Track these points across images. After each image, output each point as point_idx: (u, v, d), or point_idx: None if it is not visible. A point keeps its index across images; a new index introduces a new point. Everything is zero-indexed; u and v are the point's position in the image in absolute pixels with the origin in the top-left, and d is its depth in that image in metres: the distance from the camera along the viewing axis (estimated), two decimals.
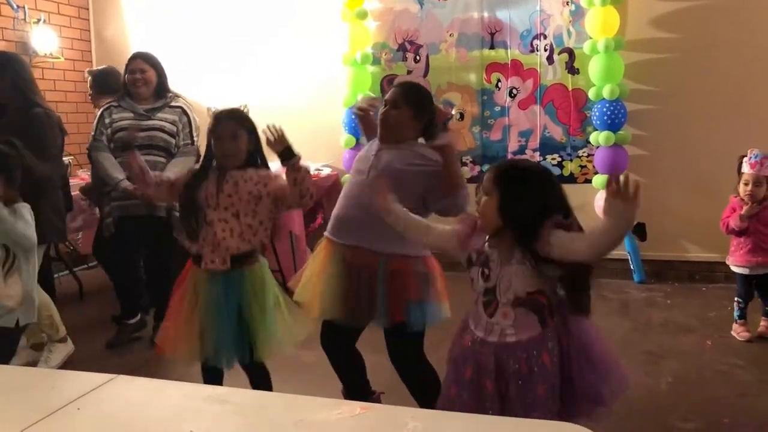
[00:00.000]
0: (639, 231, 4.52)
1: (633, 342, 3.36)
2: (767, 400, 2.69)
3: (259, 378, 2.37)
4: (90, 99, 4.24)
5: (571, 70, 4.58)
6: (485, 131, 4.81)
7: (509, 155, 4.75)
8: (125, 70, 3.53)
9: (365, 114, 2.60)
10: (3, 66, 3.14)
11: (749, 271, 3.33)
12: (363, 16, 4.79)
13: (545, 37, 4.60)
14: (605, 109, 4.31)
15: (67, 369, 2.91)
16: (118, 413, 1.33)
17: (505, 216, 1.65)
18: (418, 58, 4.88)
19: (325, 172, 4.87)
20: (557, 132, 4.66)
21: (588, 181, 4.56)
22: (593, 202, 4.48)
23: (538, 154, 4.69)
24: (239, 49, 5.24)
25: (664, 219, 4.46)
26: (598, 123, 4.38)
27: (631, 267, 4.50)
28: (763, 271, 3.30)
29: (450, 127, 2.44)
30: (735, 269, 3.40)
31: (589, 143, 4.53)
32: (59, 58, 5.21)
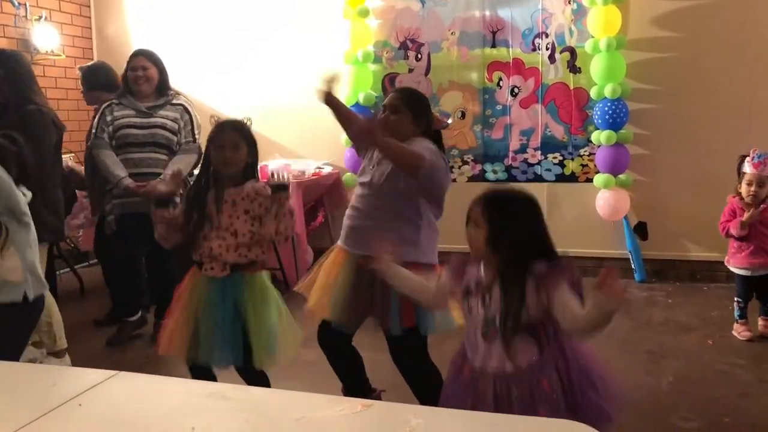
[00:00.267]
0: (640, 230, 4.52)
1: (634, 341, 3.36)
2: (767, 399, 2.70)
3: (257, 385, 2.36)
4: (82, 95, 4.16)
5: (573, 68, 4.57)
6: (486, 130, 4.81)
7: (511, 154, 4.75)
8: (127, 67, 3.51)
9: (329, 93, 2.46)
10: (0, 63, 3.03)
11: (751, 273, 3.33)
12: (365, 14, 4.78)
13: (547, 36, 4.60)
14: (607, 108, 4.30)
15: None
16: (119, 410, 1.33)
17: (495, 247, 1.66)
18: (419, 56, 4.88)
19: (327, 170, 4.87)
20: (559, 131, 4.65)
21: (589, 180, 4.56)
22: (594, 201, 4.48)
23: (539, 153, 4.69)
24: (241, 48, 5.24)
25: (665, 218, 4.46)
26: (599, 122, 4.38)
27: (632, 266, 4.49)
28: (765, 272, 3.30)
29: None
30: (736, 271, 3.39)
31: (591, 142, 4.53)
32: (60, 55, 5.21)
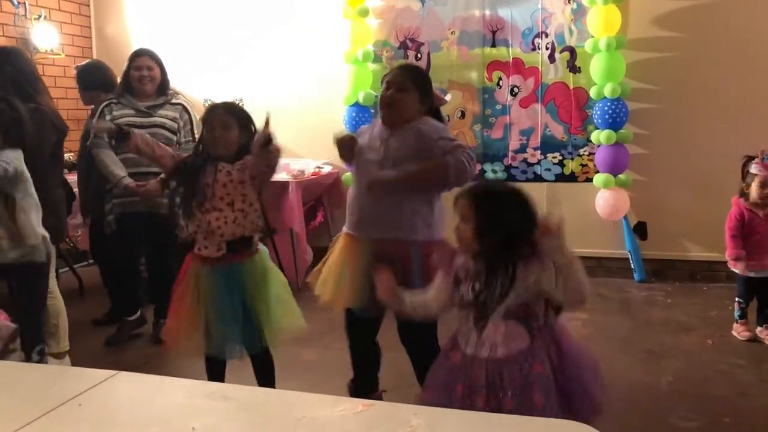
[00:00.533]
0: (640, 230, 4.52)
1: (633, 341, 3.36)
2: (767, 399, 2.70)
3: (264, 367, 2.41)
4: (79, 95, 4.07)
5: (573, 68, 4.57)
6: (486, 129, 4.80)
7: (510, 153, 4.75)
8: (129, 66, 3.45)
9: (351, 144, 2.37)
10: (2, 61, 3.02)
11: (754, 274, 3.32)
12: (364, 13, 4.78)
13: (547, 36, 4.60)
14: (606, 108, 4.30)
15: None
16: (119, 409, 1.33)
17: (483, 240, 1.67)
18: (419, 55, 4.88)
19: (326, 170, 4.86)
20: (558, 130, 4.65)
21: (589, 180, 4.56)
22: (594, 201, 4.48)
23: (539, 152, 4.69)
24: (240, 47, 5.24)
25: (664, 218, 4.46)
26: (599, 122, 4.38)
27: (632, 266, 4.49)
28: (766, 275, 3.30)
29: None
30: (737, 272, 3.38)
31: (591, 142, 4.53)
32: (60, 54, 5.21)
